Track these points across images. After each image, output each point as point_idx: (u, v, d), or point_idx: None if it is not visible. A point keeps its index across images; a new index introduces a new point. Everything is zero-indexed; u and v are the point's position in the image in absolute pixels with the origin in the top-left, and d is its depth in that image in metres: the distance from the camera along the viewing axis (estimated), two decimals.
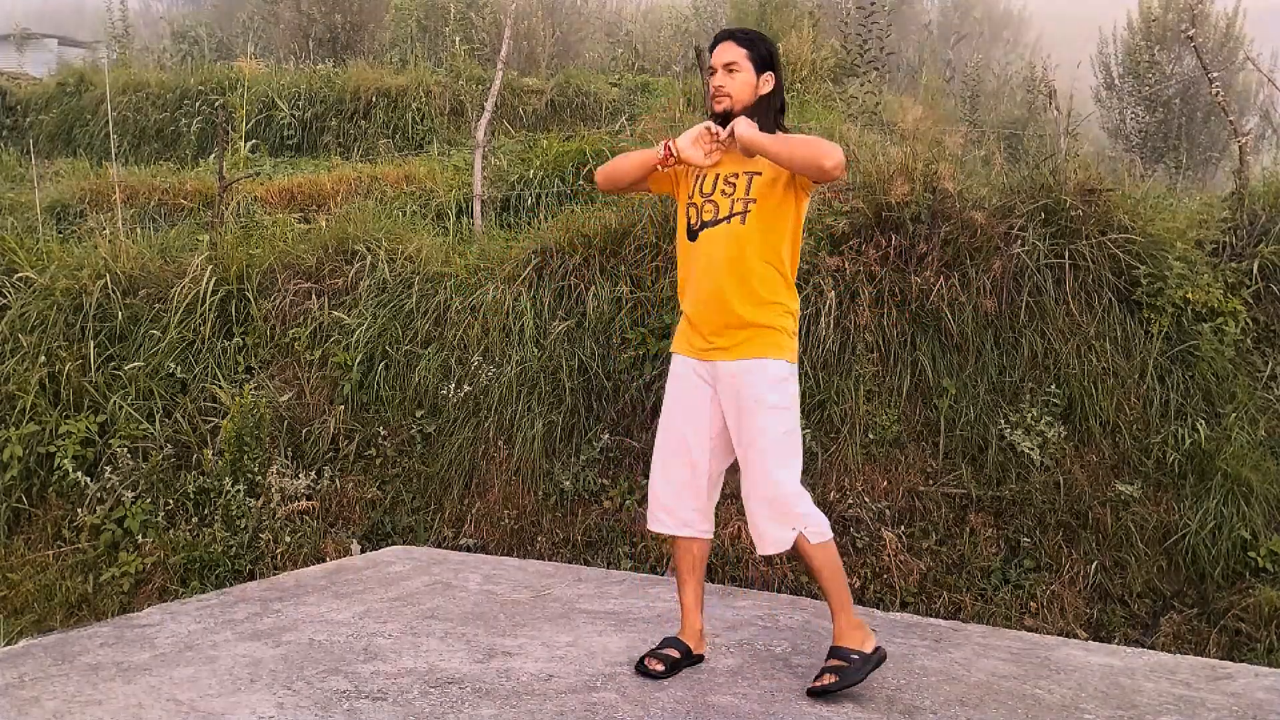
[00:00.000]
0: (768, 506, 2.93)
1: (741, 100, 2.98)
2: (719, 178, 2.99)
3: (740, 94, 2.98)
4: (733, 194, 2.95)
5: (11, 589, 5.92)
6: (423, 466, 5.94)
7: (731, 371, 2.96)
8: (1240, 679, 3.18)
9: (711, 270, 2.95)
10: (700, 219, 3.00)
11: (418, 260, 6.57)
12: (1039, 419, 5.48)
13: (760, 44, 3.02)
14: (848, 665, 2.89)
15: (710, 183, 3.00)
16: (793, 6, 12.38)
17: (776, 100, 3.04)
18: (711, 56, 3.03)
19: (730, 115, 2.98)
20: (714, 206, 2.97)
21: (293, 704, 2.80)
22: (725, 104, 2.99)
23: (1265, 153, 12.37)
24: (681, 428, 3.06)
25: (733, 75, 2.98)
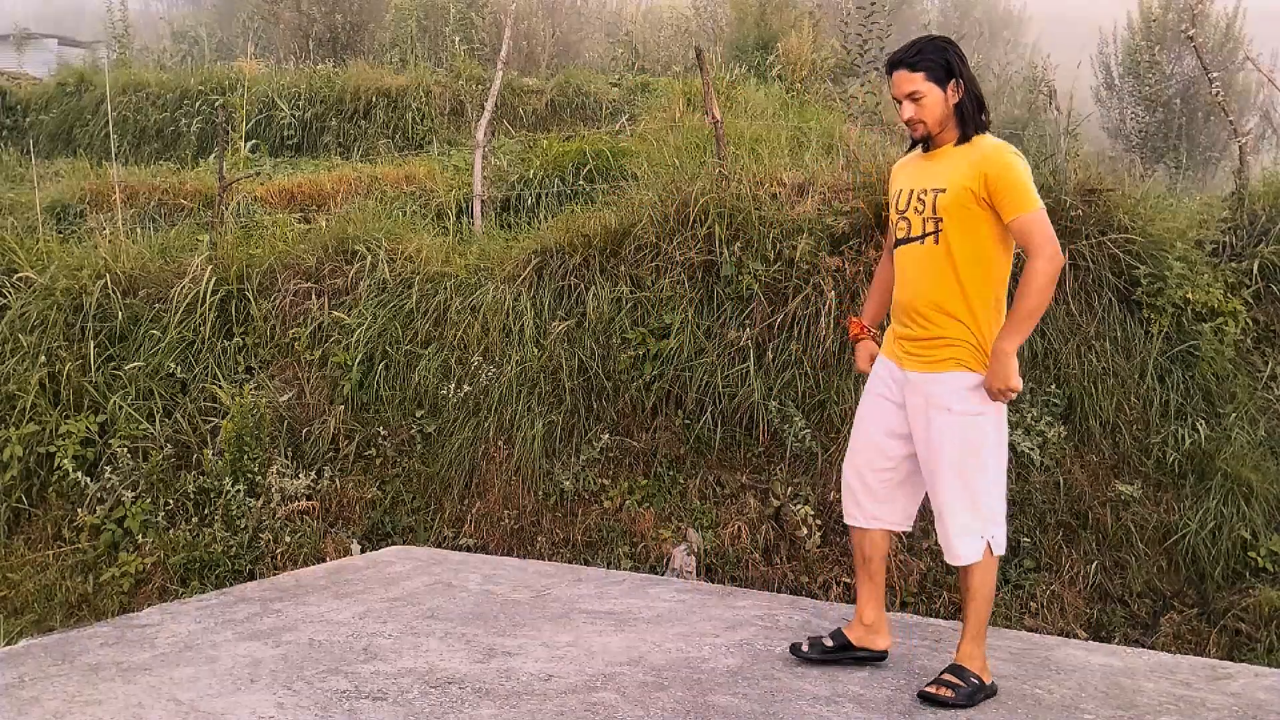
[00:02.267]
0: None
1: (938, 120, 2.94)
2: (912, 194, 3.00)
3: (933, 116, 2.93)
4: (921, 214, 2.95)
5: (11, 589, 5.92)
6: (423, 466, 5.94)
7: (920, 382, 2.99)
8: (1240, 679, 3.18)
9: (905, 282, 3.03)
10: (895, 235, 3.06)
11: (418, 260, 6.57)
12: (1039, 419, 5.48)
13: (932, 57, 2.92)
14: (965, 686, 2.89)
15: (905, 199, 3.02)
16: (793, 6, 12.39)
17: (971, 101, 2.93)
18: (891, 87, 2.99)
19: (930, 139, 2.98)
20: (904, 225, 3.00)
21: (293, 704, 2.80)
22: (921, 130, 2.97)
23: (1265, 153, 12.37)
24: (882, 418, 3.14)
25: (919, 103, 2.92)
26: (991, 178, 2.83)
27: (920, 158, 3.05)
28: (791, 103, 9.65)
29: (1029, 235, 2.80)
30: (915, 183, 2.99)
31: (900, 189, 3.04)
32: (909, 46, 2.97)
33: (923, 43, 2.97)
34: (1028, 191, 2.82)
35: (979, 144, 2.91)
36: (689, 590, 4.16)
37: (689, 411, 5.75)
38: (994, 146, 2.90)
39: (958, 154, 2.92)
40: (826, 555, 5.35)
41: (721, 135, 6.51)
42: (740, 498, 5.56)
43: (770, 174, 6.57)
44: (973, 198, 2.86)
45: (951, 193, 2.88)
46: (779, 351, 5.73)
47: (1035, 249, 2.79)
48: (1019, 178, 2.83)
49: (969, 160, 2.88)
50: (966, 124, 2.92)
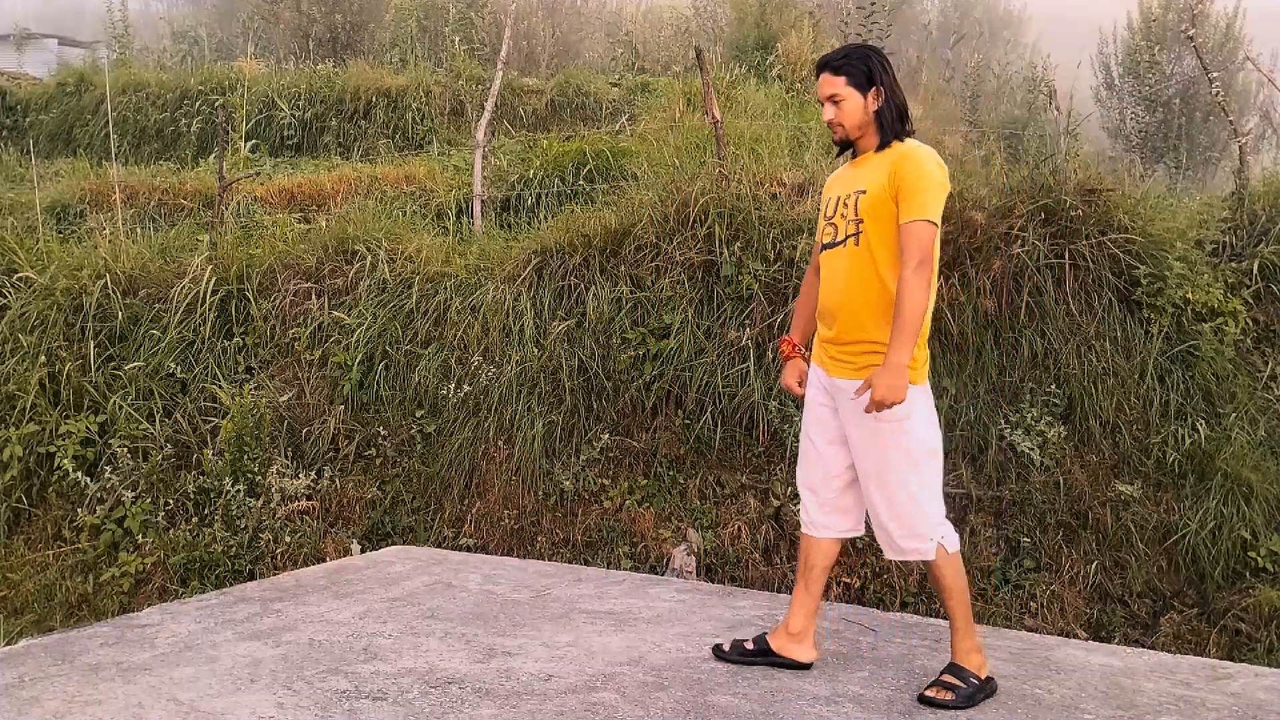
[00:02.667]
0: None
1: (856, 125, 2.98)
2: (838, 200, 3.03)
3: (851, 121, 2.98)
4: (847, 219, 2.98)
5: (11, 589, 5.92)
6: (423, 466, 5.94)
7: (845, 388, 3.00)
8: (1240, 679, 3.18)
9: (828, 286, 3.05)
10: (821, 239, 3.09)
11: (418, 260, 6.57)
12: (1039, 419, 5.48)
13: (857, 64, 2.96)
14: (965, 687, 2.92)
15: (833, 205, 3.05)
16: (793, 6, 12.38)
17: (892, 109, 2.96)
18: (816, 88, 3.04)
19: (851, 144, 3.03)
20: (832, 228, 3.04)
21: (293, 704, 2.80)
22: (840, 133, 3.02)
23: (1265, 153, 12.37)
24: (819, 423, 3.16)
25: (839, 106, 2.97)
26: (900, 176, 2.86)
27: (848, 165, 3.09)
28: (791, 103, 9.64)
29: (908, 242, 2.82)
30: (842, 189, 3.03)
31: (829, 197, 3.08)
32: (837, 51, 3.03)
33: (850, 49, 3.02)
34: (928, 201, 2.84)
35: (899, 147, 2.94)
36: (689, 590, 4.16)
37: (689, 411, 5.75)
38: (914, 148, 2.93)
39: (879, 159, 2.95)
40: None
41: (721, 135, 6.51)
42: (740, 498, 5.56)
43: (770, 174, 6.57)
44: (890, 198, 2.87)
45: (871, 193, 2.91)
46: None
47: (907, 258, 2.81)
48: (926, 184, 2.85)
49: (889, 161, 2.91)
50: (885, 131, 2.96)
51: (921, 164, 2.87)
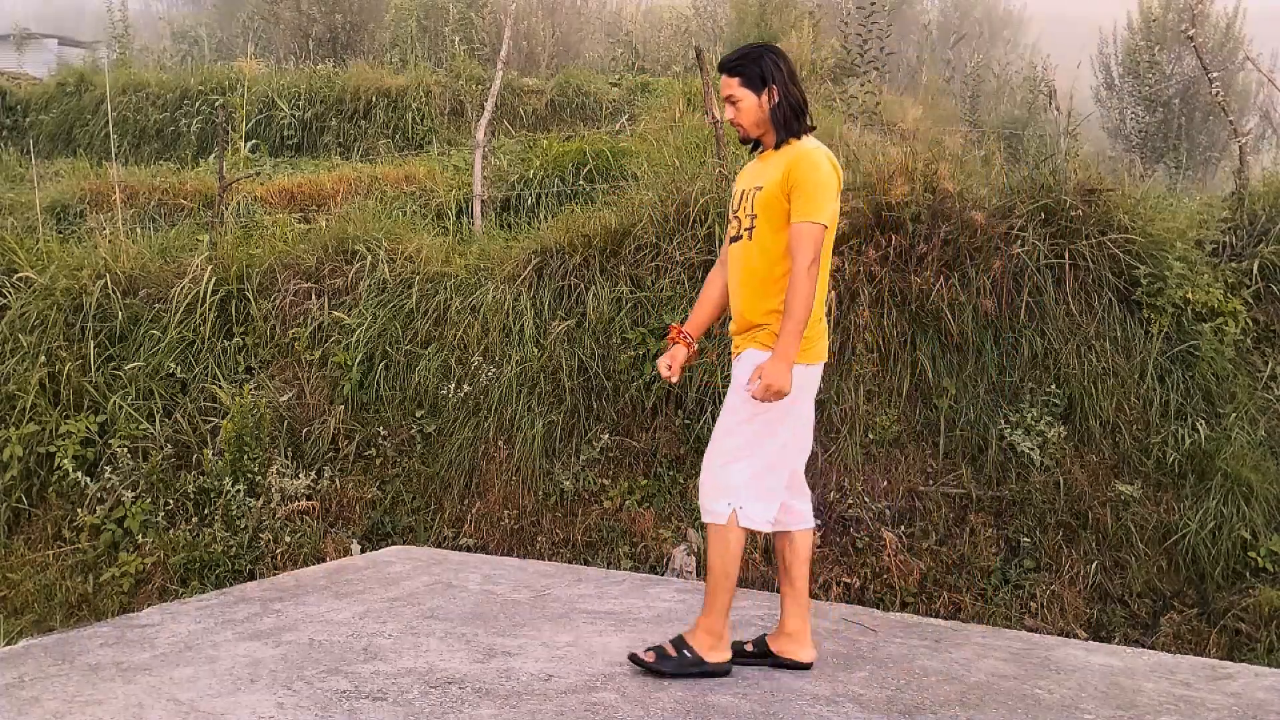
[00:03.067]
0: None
1: (754, 124, 3.05)
2: (741, 195, 3.10)
3: (749, 120, 3.05)
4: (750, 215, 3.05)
5: (11, 589, 5.92)
6: (423, 466, 5.94)
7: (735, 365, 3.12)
8: (1240, 679, 3.18)
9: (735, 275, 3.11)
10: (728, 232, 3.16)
11: (418, 260, 6.57)
12: (1039, 419, 5.48)
13: (749, 65, 3.03)
14: (676, 657, 3.01)
15: (736, 201, 3.12)
16: (793, 6, 12.39)
17: (786, 108, 3.03)
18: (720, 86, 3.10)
19: (755, 142, 3.11)
20: (736, 222, 3.10)
21: (293, 704, 2.80)
22: (741, 132, 3.09)
23: (1265, 153, 12.38)
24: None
25: (736, 106, 3.04)
26: (793, 176, 2.93)
27: (756, 161, 3.15)
28: None
29: (800, 242, 2.89)
30: (746, 184, 3.11)
31: (735, 191, 3.16)
32: (734, 53, 3.10)
33: (746, 49, 3.09)
34: (819, 202, 2.90)
35: (797, 146, 3.01)
36: (689, 590, 4.16)
37: (689, 411, 5.75)
38: (809, 149, 2.99)
39: (778, 156, 3.03)
40: (826, 555, 5.35)
41: (721, 135, 6.51)
42: None
43: None
44: (782, 194, 2.95)
45: (766, 190, 2.99)
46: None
47: (799, 257, 2.88)
48: (817, 185, 2.92)
49: (785, 160, 2.98)
50: (779, 129, 3.02)
51: (815, 166, 2.94)
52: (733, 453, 3.03)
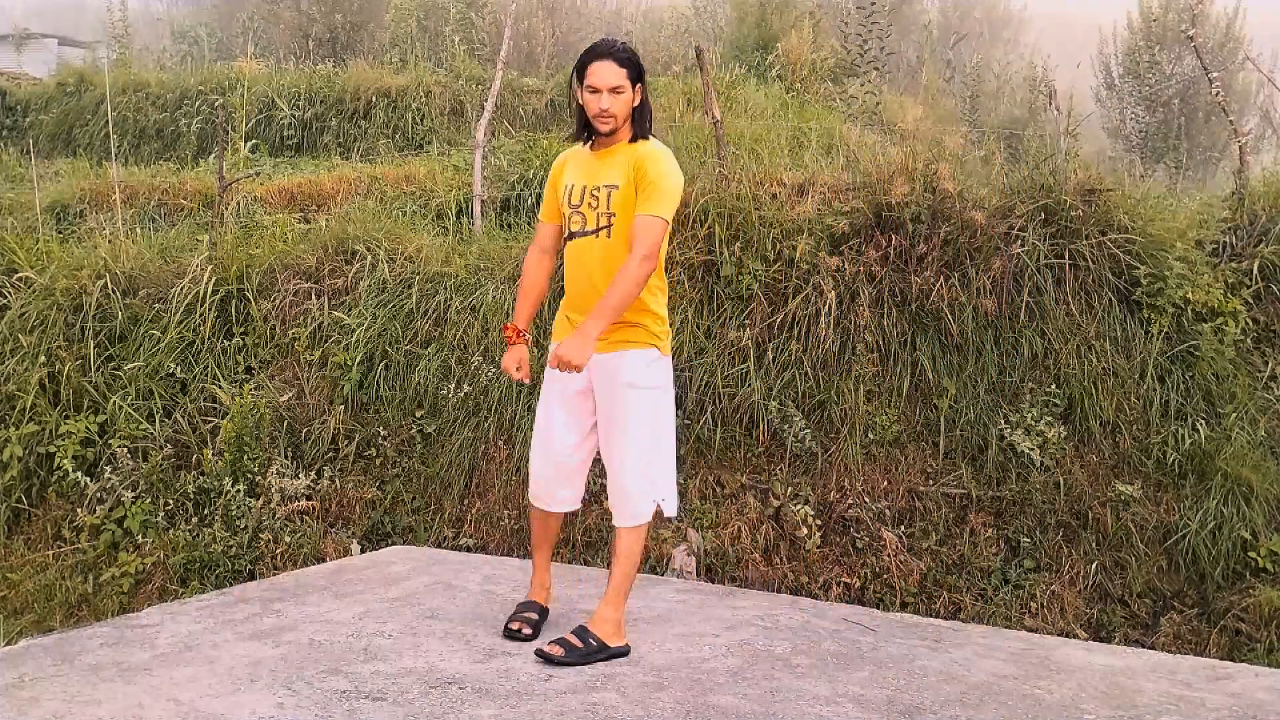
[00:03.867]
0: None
1: (624, 117, 3.12)
2: (573, 188, 3.19)
3: (623, 113, 3.11)
4: (596, 209, 3.14)
5: (11, 589, 5.92)
6: (423, 466, 5.94)
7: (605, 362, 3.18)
8: (1240, 679, 3.18)
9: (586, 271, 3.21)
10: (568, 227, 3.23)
11: (418, 260, 6.57)
12: (1039, 419, 5.48)
13: (634, 59, 3.11)
14: (582, 647, 3.13)
15: (578, 194, 3.19)
16: (793, 6, 12.38)
17: (648, 107, 3.17)
18: (590, 76, 3.08)
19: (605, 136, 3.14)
20: (579, 219, 3.18)
21: (293, 704, 2.80)
22: (611, 125, 3.11)
23: (1265, 153, 12.37)
24: (567, 404, 3.32)
25: (619, 96, 3.08)
26: (641, 172, 3.06)
27: (590, 155, 3.21)
28: (791, 103, 9.64)
29: (641, 234, 3.01)
30: (588, 179, 3.17)
31: (571, 183, 3.21)
32: (616, 42, 3.14)
33: (622, 42, 3.16)
34: (663, 198, 3.04)
35: (647, 145, 3.15)
36: (689, 590, 4.16)
37: (689, 412, 5.75)
38: (658, 150, 3.13)
39: (625, 153, 3.13)
40: (827, 555, 5.35)
41: (721, 135, 6.51)
42: (740, 498, 5.56)
43: (770, 174, 6.57)
44: (634, 192, 3.07)
45: (622, 188, 3.09)
46: (779, 351, 5.73)
47: (636, 247, 3.00)
48: (663, 182, 3.05)
49: (636, 156, 3.10)
50: (638, 126, 3.14)
51: (671, 166, 3.09)
52: (650, 451, 3.20)
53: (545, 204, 3.35)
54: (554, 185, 3.30)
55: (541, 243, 3.37)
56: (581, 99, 3.13)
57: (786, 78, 10.78)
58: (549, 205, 3.33)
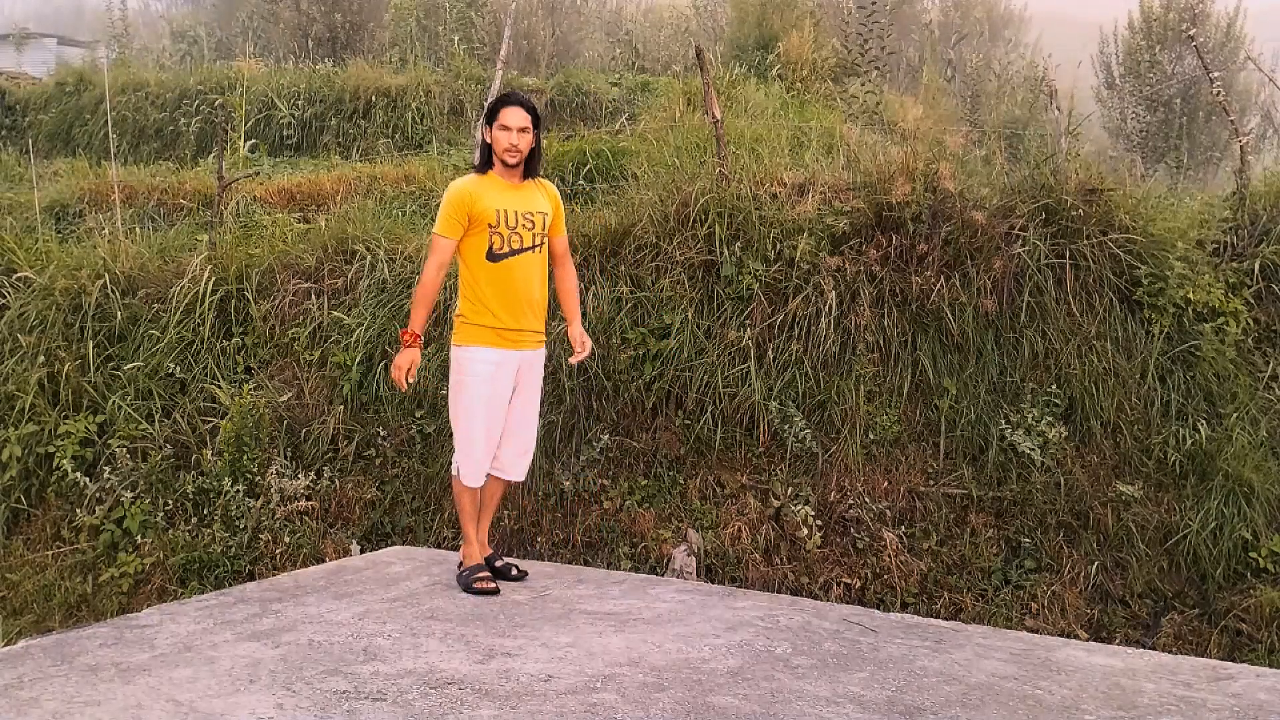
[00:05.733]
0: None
1: (525, 154, 3.86)
2: (505, 213, 3.83)
3: (525, 151, 3.85)
4: (531, 229, 3.87)
5: (11, 589, 5.91)
6: (422, 467, 5.93)
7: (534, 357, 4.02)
8: (1241, 679, 3.17)
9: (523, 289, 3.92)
10: (507, 247, 3.84)
11: (417, 260, 6.56)
12: (1040, 419, 5.47)
13: (537, 111, 3.89)
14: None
15: (514, 217, 3.85)
16: (793, 6, 12.37)
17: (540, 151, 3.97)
18: (502, 117, 3.81)
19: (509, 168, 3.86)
20: (515, 238, 3.84)
21: (292, 704, 2.80)
22: (516, 159, 3.84)
23: (1266, 153, 12.38)
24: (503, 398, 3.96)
25: (526, 136, 3.83)
26: (558, 204, 4.01)
27: (505, 185, 3.87)
28: (791, 103, 9.64)
29: (567, 249, 4.10)
30: (518, 205, 3.85)
31: (501, 208, 3.82)
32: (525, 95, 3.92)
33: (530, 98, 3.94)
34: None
35: (542, 181, 4.00)
36: (689, 591, 4.15)
37: (689, 411, 5.74)
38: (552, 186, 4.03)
39: (534, 188, 3.94)
40: (827, 555, 5.34)
41: (722, 135, 6.50)
42: (740, 498, 5.55)
43: (770, 174, 6.56)
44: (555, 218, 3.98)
45: (550, 216, 3.93)
46: (779, 351, 5.73)
47: (570, 260, 4.12)
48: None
49: (545, 192, 3.97)
50: (534, 166, 3.93)
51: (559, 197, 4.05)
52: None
53: (452, 223, 3.81)
54: (468, 208, 3.79)
55: (442, 257, 3.86)
56: (490, 137, 3.83)
57: (787, 77, 10.77)
58: (455, 224, 3.81)
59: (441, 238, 3.83)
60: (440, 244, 3.85)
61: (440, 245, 3.85)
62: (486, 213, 3.80)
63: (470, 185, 3.86)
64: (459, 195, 3.82)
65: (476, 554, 4.06)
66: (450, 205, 3.81)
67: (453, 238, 3.84)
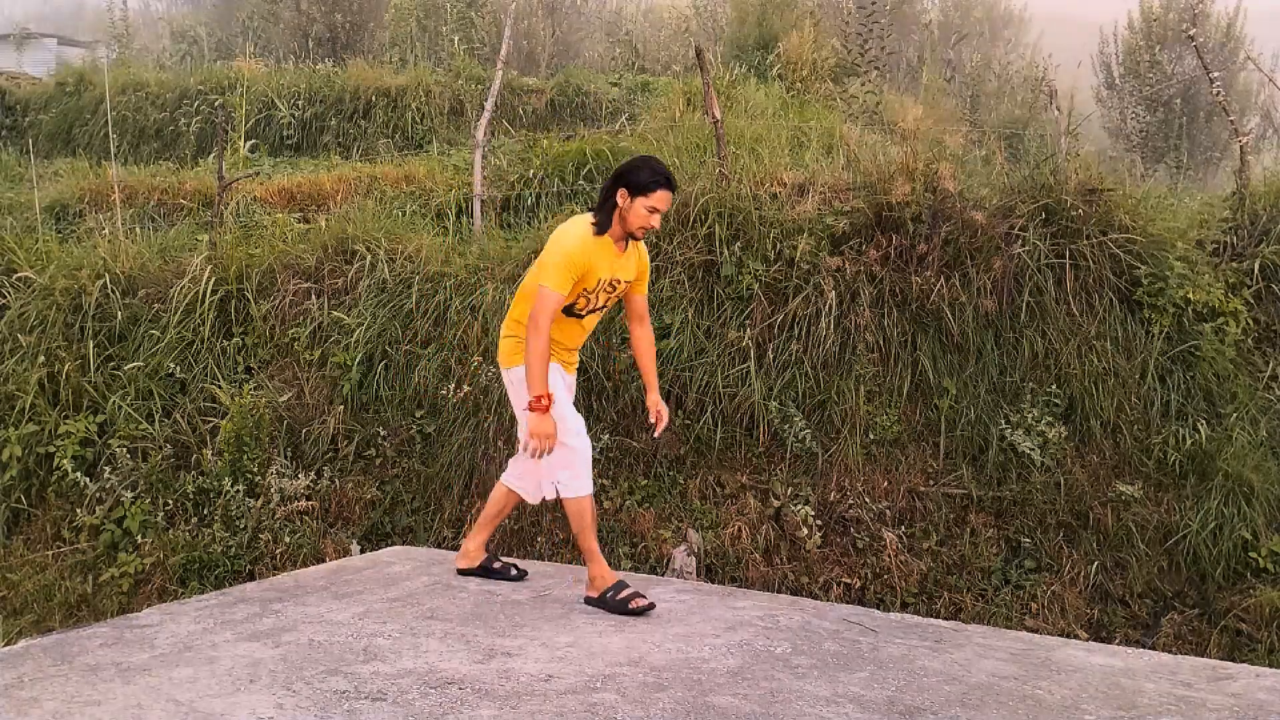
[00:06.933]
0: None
1: None
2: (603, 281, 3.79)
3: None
4: (611, 294, 3.87)
5: (11, 589, 5.91)
6: (422, 467, 5.93)
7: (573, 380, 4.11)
8: (1241, 679, 3.17)
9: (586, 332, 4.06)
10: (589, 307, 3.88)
11: (417, 260, 6.57)
12: (1039, 419, 5.47)
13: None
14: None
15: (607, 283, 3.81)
16: (793, 6, 12.37)
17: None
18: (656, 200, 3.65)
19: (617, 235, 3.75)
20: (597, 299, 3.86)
21: (292, 704, 2.80)
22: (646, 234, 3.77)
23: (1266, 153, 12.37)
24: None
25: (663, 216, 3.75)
26: (645, 271, 3.95)
27: (612, 254, 3.76)
28: (791, 103, 9.64)
29: (646, 308, 4.06)
30: (613, 272, 3.78)
31: (601, 276, 3.75)
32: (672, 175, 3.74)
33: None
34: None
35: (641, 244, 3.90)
36: (689, 590, 4.16)
37: (689, 411, 5.74)
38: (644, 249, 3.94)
39: (638, 250, 3.87)
40: (827, 555, 5.34)
41: (722, 135, 6.50)
42: (740, 498, 5.55)
43: (770, 174, 6.56)
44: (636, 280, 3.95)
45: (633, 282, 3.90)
46: (779, 351, 5.73)
47: (648, 319, 4.06)
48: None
49: (638, 256, 3.88)
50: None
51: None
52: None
53: (565, 280, 3.65)
54: (583, 271, 3.68)
55: (554, 310, 3.68)
56: (629, 205, 3.65)
57: (787, 77, 10.77)
58: (568, 282, 3.66)
59: (554, 292, 3.64)
60: (553, 299, 3.65)
61: (553, 300, 3.65)
62: (590, 279, 3.72)
63: (589, 247, 3.69)
64: (578, 255, 3.66)
65: (609, 571, 3.83)
66: (568, 263, 3.64)
67: (563, 294, 3.67)
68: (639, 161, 3.74)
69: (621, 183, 3.67)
